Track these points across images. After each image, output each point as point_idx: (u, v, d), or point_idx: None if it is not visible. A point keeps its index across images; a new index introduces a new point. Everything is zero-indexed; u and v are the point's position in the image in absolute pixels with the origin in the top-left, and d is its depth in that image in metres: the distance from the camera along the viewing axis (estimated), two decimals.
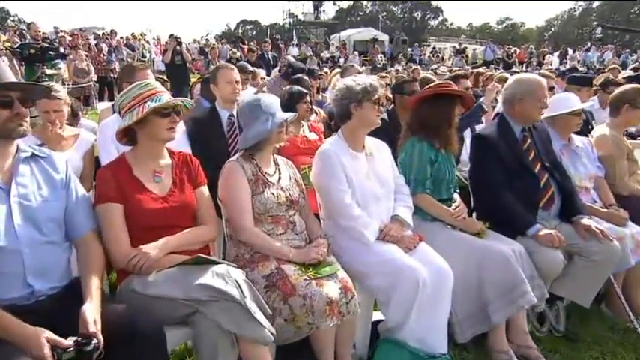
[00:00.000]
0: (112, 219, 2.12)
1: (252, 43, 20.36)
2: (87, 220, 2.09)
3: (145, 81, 2.23)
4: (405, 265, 2.45)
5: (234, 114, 3.57)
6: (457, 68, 13.02)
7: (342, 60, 22.59)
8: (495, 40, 33.24)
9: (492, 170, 3.00)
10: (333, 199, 2.64)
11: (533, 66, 20.75)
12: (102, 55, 14.38)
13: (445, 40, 39.99)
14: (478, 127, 4.33)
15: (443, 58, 24.96)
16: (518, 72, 10.29)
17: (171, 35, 10.73)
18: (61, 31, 19.07)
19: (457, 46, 27.48)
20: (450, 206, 2.96)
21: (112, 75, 13.04)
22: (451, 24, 62.56)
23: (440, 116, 2.94)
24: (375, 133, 2.85)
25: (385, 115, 4.17)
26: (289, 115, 2.56)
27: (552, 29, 56.99)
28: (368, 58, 21.94)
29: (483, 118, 4.37)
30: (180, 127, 3.53)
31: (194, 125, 3.57)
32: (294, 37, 27.83)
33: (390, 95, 6.10)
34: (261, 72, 8.28)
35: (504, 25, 61.69)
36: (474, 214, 3.22)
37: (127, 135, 2.25)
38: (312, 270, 2.33)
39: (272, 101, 2.55)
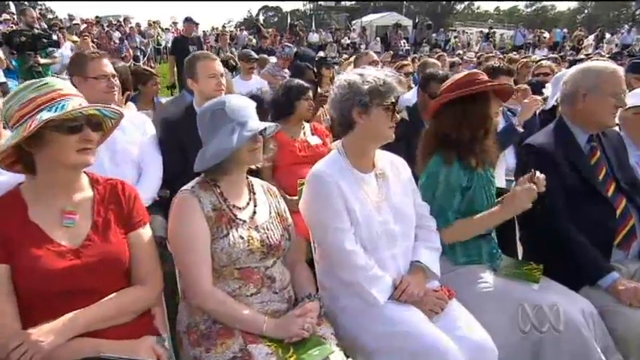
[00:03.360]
0: None
1: (269, 30, 19.56)
2: None
3: (44, 80, 1.51)
4: (431, 344, 1.70)
5: None
6: (491, 54, 12.04)
7: (362, 46, 21.69)
8: (525, 23, 31.50)
9: (549, 195, 2.21)
10: (328, 243, 1.89)
11: (566, 50, 19.40)
12: (112, 43, 13.86)
13: (471, 25, 38.33)
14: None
15: (469, 44, 23.66)
16: (554, 57, 9.32)
17: (188, 19, 9.84)
18: (76, 18, 18.64)
19: (485, 31, 26.11)
20: (489, 240, 2.22)
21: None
22: (477, 8, 60.33)
23: (472, 124, 2.14)
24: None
25: (405, 114, 3.38)
26: (269, 126, 1.83)
27: (585, 11, 54.26)
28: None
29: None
30: (151, 131, 2.85)
31: (165, 129, 2.87)
32: (313, 24, 26.93)
33: (413, 85, 5.30)
34: (272, 59, 7.58)
35: (534, 8, 59.11)
36: (520, 250, 2.45)
37: (22, 159, 1.54)
38: (293, 352, 1.61)
39: (243, 105, 1.80)
